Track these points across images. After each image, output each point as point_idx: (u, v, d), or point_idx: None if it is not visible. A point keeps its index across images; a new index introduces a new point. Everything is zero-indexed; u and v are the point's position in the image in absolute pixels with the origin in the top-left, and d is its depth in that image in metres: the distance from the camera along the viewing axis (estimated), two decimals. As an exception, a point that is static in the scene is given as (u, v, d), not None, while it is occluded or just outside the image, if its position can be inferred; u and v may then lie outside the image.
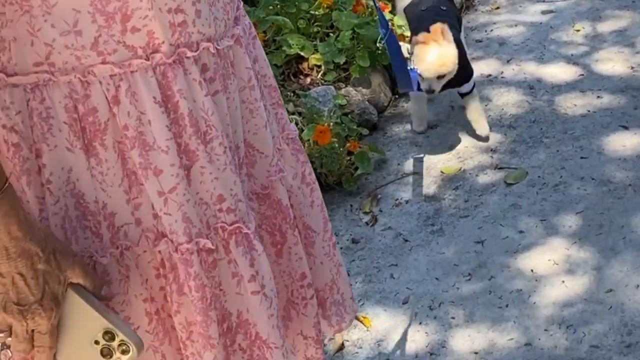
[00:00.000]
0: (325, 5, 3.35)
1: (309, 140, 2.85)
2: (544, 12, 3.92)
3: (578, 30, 3.68)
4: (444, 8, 2.99)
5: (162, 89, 1.03)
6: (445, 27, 2.75)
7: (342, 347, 2.27)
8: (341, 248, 2.64)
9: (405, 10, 3.15)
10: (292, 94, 3.12)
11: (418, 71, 2.73)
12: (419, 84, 2.76)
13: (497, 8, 4.05)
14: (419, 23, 2.91)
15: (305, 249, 1.31)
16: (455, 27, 2.95)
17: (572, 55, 3.49)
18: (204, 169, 1.07)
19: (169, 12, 1.01)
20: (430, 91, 2.78)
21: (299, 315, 1.32)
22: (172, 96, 1.03)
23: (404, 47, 2.89)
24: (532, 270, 2.42)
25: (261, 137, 1.19)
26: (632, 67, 3.30)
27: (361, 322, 2.35)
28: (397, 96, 3.44)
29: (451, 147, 3.05)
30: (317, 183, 1.36)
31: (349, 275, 2.51)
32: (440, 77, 2.76)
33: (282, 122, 1.30)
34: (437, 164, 2.98)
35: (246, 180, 1.18)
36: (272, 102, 1.27)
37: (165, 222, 1.06)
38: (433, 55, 2.73)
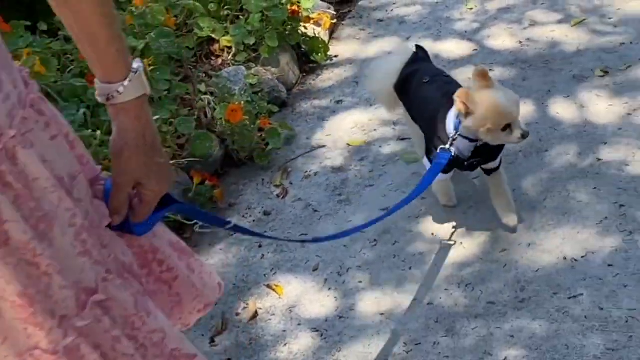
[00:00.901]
0: (233, -11, 3.24)
1: (221, 118, 2.76)
2: (439, -8, 3.88)
3: (470, 9, 3.65)
4: (446, 74, 2.39)
5: None
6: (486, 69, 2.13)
7: (255, 314, 2.20)
8: (253, 220, 2.56)
9: (401, 87, 2.40)
10: (204, 75, 3.01)
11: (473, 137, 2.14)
12: (448, 165, 2.14)
13: (397, -11, 3.99)
14: (442, 94, 2.24)
15: None
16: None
17: (465, 32, 3.45)
18: None
19: None
20: (526, 134, 2.09)
21: None
22: None
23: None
24: (432, 234, 2.38)
25: None
26: (520, 42, 3.29)
27: (274, 290, 2.28)
28: (304, 74, 3.36)
29: (356, 121, 2.99)
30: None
31: (260, 247, 2.44)
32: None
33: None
34: (343, 137, 2.91)
35: None
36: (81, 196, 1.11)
37: None
38: (502, 95, 2.07)
